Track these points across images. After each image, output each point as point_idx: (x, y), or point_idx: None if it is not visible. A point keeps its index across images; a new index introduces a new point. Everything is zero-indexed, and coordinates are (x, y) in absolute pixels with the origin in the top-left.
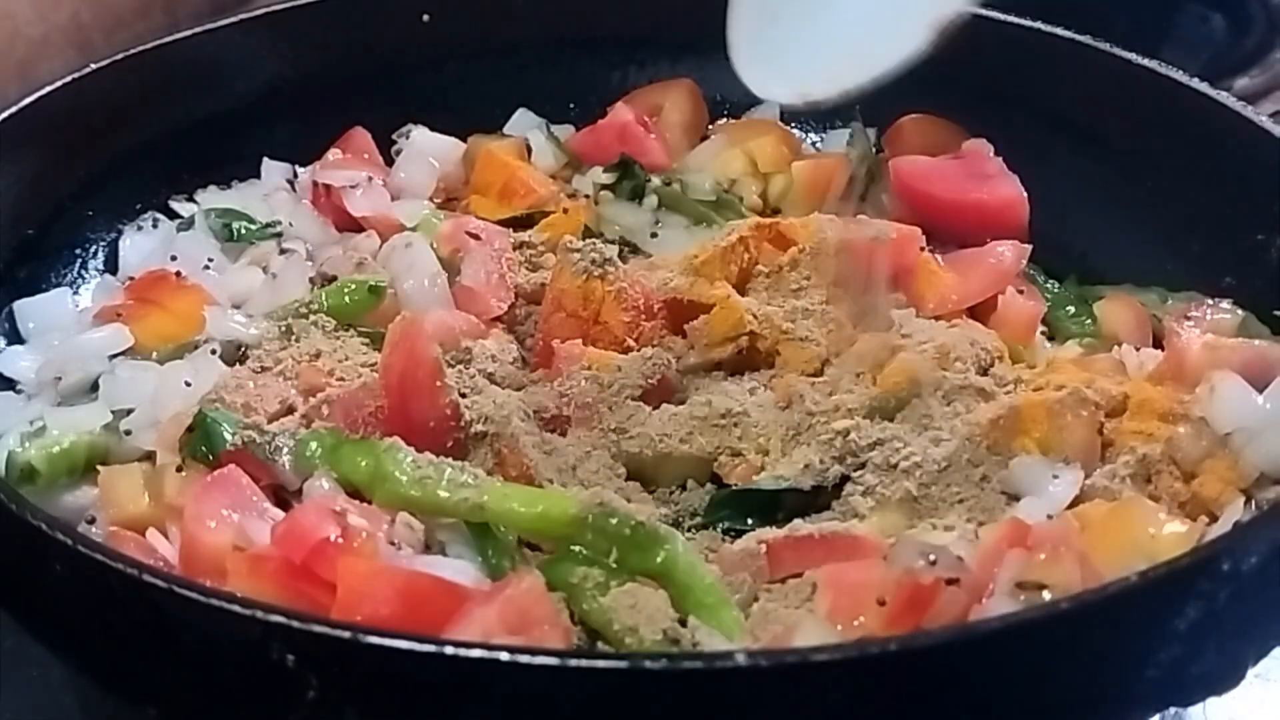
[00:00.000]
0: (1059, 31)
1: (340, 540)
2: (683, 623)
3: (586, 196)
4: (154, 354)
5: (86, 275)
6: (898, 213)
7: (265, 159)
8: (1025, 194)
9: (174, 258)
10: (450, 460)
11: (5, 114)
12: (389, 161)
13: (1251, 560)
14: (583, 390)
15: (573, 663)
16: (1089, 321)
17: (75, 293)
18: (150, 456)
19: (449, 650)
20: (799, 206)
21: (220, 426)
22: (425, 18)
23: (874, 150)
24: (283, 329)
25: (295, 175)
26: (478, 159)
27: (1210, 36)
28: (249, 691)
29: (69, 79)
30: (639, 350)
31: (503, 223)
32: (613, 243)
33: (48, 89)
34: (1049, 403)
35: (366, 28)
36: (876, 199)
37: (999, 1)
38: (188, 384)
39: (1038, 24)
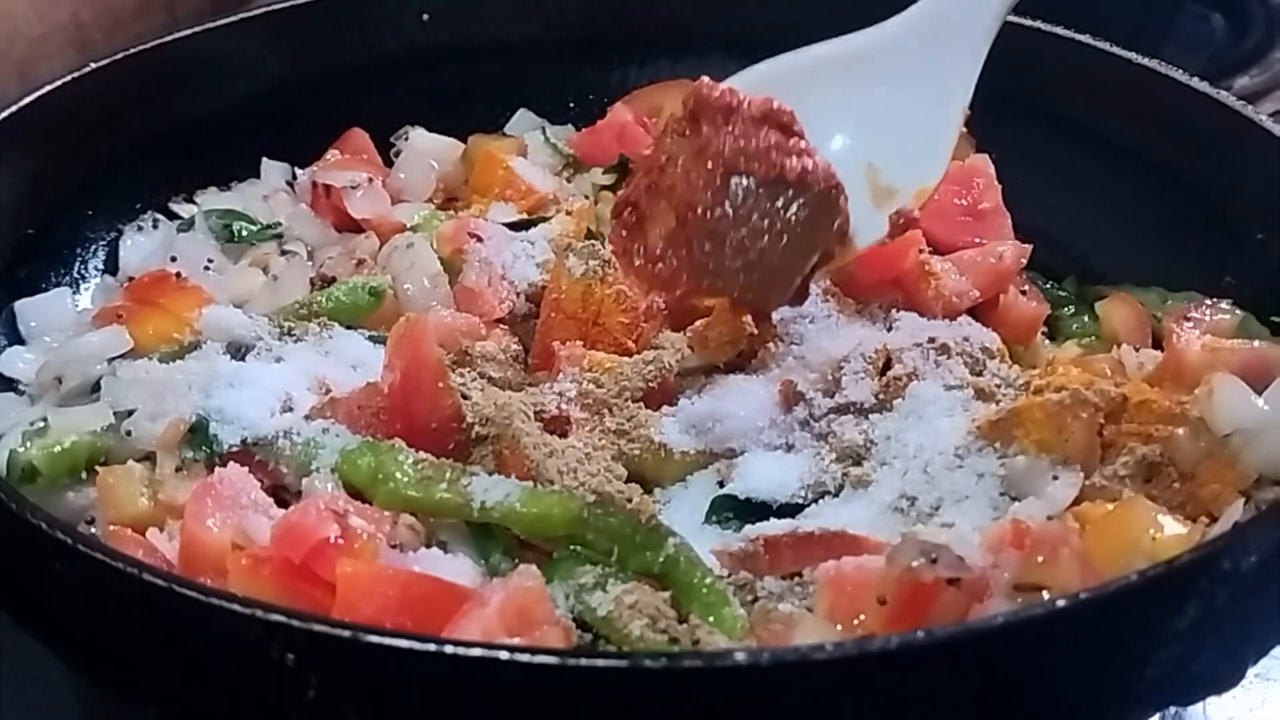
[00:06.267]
0: (1059, 31)
1: (340, 540)
2: (683, 622)
3: (586, 197)
4: (154, 355)
5: (86, 275)
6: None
7: (265, 159)
8: (1012, 233)
9: (174, 258)
10: (451, 461)
11: (5, 114)
12: (388, 162)
13: (1251, 560)
14: (583, 392)
15: (572, 663)
16: (1089, 321)
17: (75, 293)
18: (150, 456)
19: (449, 650)
20: None
21: (220, 427)
22: (425, 17)
23: None
24: (283, 330)
25: (294, 176)
26: (478, 159)
27: (1210, 36)
28: (249, 691)
29: (69, 79)
30: (639, 352)
31: (503, 223)
32: None
33: (48, 89)
34: (1049, 404)
35: (366, 28)
36: None
37: None
38: (188, 385)
39: (1038, 24)
